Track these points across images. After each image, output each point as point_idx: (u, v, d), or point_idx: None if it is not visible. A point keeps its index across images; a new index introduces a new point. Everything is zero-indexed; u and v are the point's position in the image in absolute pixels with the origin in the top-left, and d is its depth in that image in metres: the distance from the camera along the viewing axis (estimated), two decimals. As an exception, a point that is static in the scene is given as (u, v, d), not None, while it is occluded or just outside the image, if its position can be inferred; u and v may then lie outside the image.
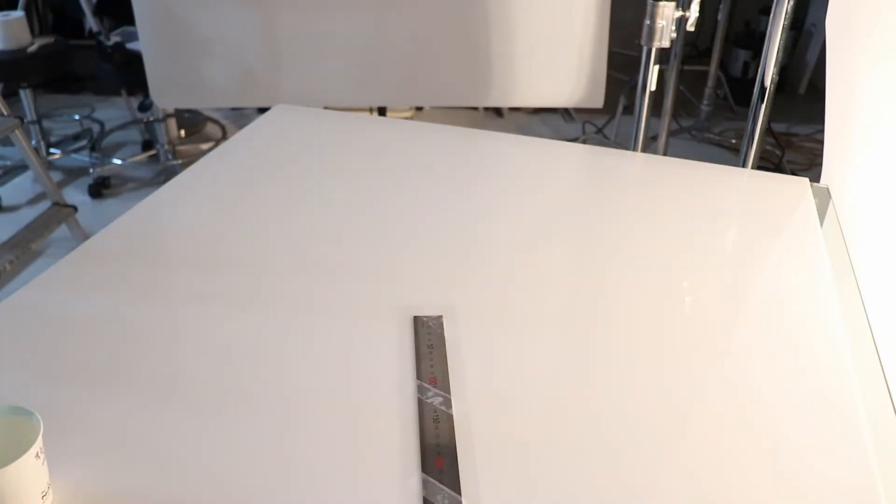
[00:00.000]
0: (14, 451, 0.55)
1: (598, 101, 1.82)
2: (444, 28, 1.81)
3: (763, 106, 1.34)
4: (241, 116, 3.22)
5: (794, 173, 1.41)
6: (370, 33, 1.84)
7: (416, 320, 0.80)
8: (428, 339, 0.77)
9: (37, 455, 0.56)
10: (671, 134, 2.71)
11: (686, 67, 3.10)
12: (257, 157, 1.15)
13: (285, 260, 0.91)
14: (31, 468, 0.56)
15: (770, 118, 1.39)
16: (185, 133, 3.15)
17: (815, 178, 1.14)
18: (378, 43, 1.85)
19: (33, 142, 2.79)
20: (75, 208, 2.16)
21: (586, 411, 0.69)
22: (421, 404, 0.69)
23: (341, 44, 1.86)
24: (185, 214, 1.01)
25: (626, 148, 1.57)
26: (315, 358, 0.75)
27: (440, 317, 0.81)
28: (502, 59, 1.80)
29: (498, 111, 3.29)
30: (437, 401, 0.69)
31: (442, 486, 0.60)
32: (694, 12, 1.50)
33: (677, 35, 1.69)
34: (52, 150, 3.03)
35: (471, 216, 1.02)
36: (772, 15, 1.27)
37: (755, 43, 3.21)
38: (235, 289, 0.86)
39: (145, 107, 2.97)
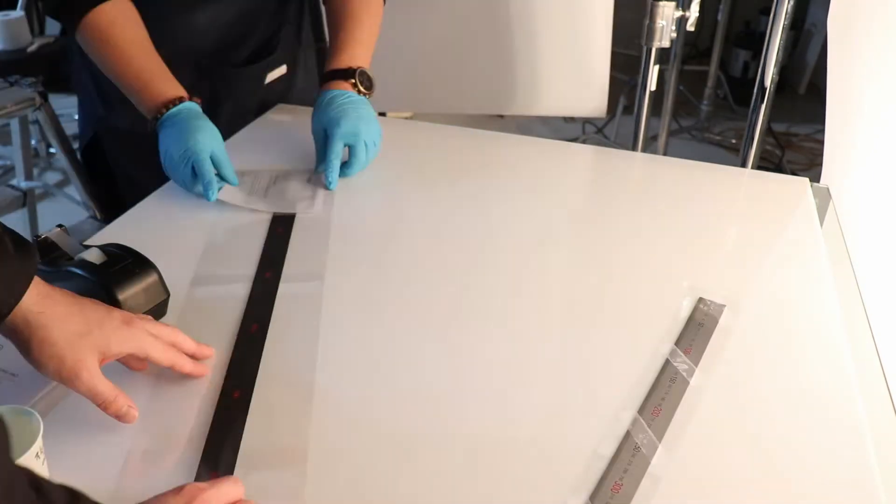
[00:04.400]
0: (14, 451, 0.55)
1: (601, 111, 1.82)
2: (449, 37, 1.80)
3: (763, 106, 1.34)
4: (241, 116, 3.21)
5: (794, 173, 1.41)
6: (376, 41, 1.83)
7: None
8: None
9: (37, 455, 0.56)
10: (671, 134, 2.71)
11: (686, 67, 3.10)
12: (257, 157, 1.15)
13: (283, 259, 0.91)
14: (31, 468, 0.56)
15: (770, 118, 1.38)
16: (185, 133, 3.15)
17: (815, 178, 1.14)
18: (382, 50, 1.84)
19: (33, 141, 2.79)
20: None
21: (587, 405, 0.69)
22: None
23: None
24: (186, 214, 1.01)
25: (626, 148, 1.57)
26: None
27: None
28: (508, 70, 1.80)
29: (498, 111, 3.28)
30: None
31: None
32: (694, 12, 1.50)
33: (677, 35, 1.69)
34: (51, 149, 3.02)
35: (471, 216, 1.02)
36: (772, 15, 1.27)
37: (755, 43, 3.21)
38: (232, 290, 0.86)
39: None
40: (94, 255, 0.77)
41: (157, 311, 0.78)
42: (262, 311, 0.81)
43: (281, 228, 0.97)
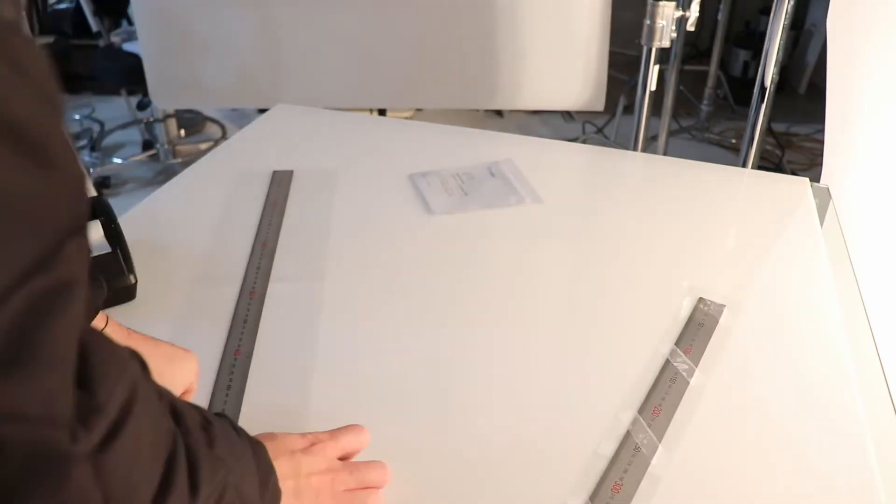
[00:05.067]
0: None
1: (599, 105, 1.82)
2: (445, 31, 1.81)
3: (763, 106, 1.34)
4: (241, 116, 3.21)
5: (794, 173, 1.41)
6: (372, 34, 1.84)
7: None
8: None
9: None
10: (671, 134, 2.71)
11: (686, 67, 3.10)
12: (257, 157, 1.15)
13: (282, 259, 0.91)
14: None
15: (770, 118, 1.38)
16: (185, 133, 3.15)
17: (815, 178, 1.14)
18: (379, 44, 1.85)
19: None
20: None
21: (587, 405, 0.69)
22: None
23: (342, 45, 1.86)
24: (185, 214, 1.01)
25: (626, 148, 1.57)
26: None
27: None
28: (503, 62, 1.80)
29: (498, 111, 3.29)
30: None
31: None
32: (694, 12, 1.50)
33: (677, 35, 1.69)
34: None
35: (470, 216, 1.02)
36: (772, 15, 1.27)
37: (755, 43, 3.21)
38: (232, 290, 0.86)
39: (143, 105, 2.96)
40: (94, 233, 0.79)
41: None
42: (254, 311, 0.82)
43: (270, 229, 0.97)
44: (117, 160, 3.02)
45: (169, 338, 0.78)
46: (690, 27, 1.53)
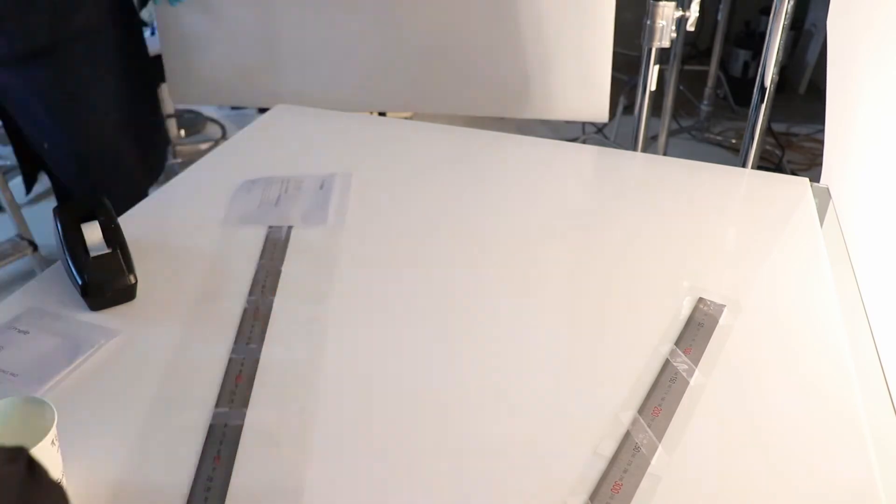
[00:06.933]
0: (29, 440, 0.55)
1: (603, 116, 1.82)
2: (448, 35, 1.81)
3: (763, 106, 1.34)
4: (241, 116, 3.21)
5: (794, 173, 1.41)
6: (373, 37, 1.84)
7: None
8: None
9: (51, 444, 0.56)
10: (671, 134, 2.71)
11: (686, 67, 3.10)
12: (257, 157, 1.15)
13: (288, 258, 0.91)
14: (46, 457, 0.56)
15: (770, 118, 1.38)
16: (185, 133, 3.15)
17: (815, 178, 1.14)
18: (381, 48, 1.85)
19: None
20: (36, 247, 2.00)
21: (587, 405, 0.69)
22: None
23: (343, 47, 1.86)
24: (185, 214, 1.01)
25: (626, 148, 1.57)
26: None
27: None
28: (505, 71, 1.80)
29: (498, 111, 3.28)
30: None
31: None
32: (694, 12, 1.50)
33: (677, 35, 1.69)
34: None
35: (471, 216, 1.02)
36: (772, 15, 1.27)
37: (755, 43, 3.21)
38: (231, 290, 0.86)
39: None
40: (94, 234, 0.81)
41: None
42: (265, 309, 0.82)
43: (279, 236, 0.97)
44: (117, 160, 3.02)
45: (171, 337, 0.78)
46: (690, 27, 1.53)
